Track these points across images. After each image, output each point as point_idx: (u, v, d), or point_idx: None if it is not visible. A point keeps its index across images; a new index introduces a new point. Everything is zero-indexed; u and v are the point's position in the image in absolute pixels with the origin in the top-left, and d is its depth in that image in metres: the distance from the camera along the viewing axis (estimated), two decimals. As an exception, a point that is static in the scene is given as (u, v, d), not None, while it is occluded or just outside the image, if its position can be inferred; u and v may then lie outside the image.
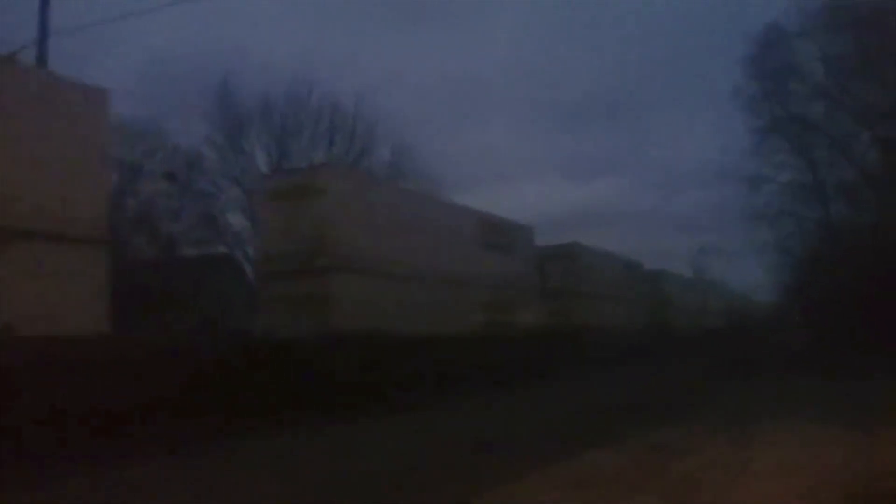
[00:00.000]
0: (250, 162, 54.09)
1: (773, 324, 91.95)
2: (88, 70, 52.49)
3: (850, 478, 11.12)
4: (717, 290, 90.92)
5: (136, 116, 40.14)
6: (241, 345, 21.78)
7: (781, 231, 55.52)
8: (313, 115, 54.81)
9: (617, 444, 15.18)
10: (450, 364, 26.85)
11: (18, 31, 30.58)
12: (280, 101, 54.53)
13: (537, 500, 10.90)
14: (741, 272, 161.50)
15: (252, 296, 31.47)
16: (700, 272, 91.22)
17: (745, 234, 71.16)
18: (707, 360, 45.04)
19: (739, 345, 61.81)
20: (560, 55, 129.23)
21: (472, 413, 22.74)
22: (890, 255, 38.28)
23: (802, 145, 50.40)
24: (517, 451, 15.23)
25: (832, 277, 48.05)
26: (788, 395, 24.14)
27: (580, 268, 44.57)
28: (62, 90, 17.72)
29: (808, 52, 47.73)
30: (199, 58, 75.47)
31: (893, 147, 44.47)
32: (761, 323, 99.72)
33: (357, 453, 15.86)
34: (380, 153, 57.11)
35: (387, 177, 52.57)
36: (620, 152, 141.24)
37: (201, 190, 53.29)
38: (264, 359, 20.58)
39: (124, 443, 15.30)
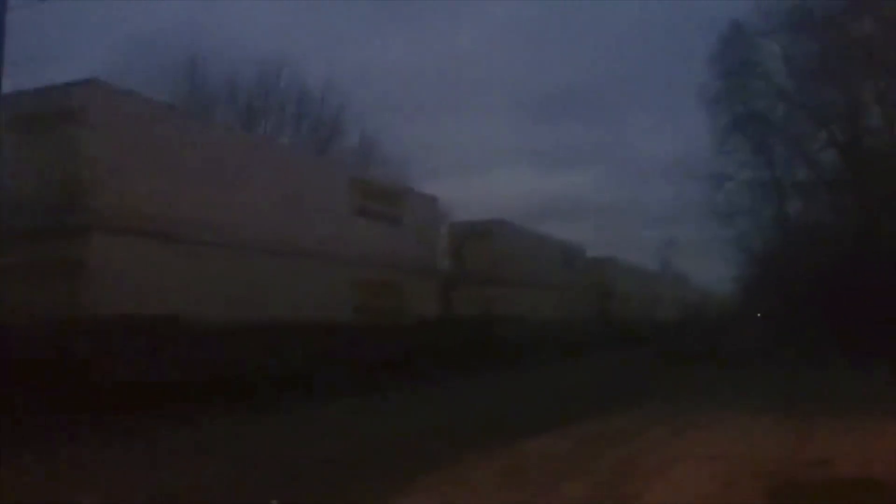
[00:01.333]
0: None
1: (732, 317, 79.91)
2: (52, 44, 42.88)
3: (779, 465, 9.84)
4: (672, 281, 78.03)
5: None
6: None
7: (741, 228, 47.56)
8: (280, 98, 45.61)
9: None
10: (289, 360, 17.57)
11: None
12: (248, 82, 45.04)
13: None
14: (707, 266, 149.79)
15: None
16: (666, 265, 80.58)
17: (708, 230, 61.99)
18: (650, 354, 35.57)
19: (691, 338, 49.52)
20: (534, 49, 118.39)
21: (310, 425, 14.47)
22: (842, 254, 35.12)
23: (762, 144, 42.97)
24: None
25: (787, 274, 43.41)
26: (731, 386, 21.54)
27: (503, 249, 31.97)
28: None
29: (770, 51, 40.99)
30: (168, 36, 65.86)
31: (849, 148, 38.49)
32: (720, 316, 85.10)
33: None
34: (348, 140, 47.63)
35: (355, 163, 42.72)
36: (593, 146, 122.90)
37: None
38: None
39: None
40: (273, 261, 17.60)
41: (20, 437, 11.14)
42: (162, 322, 14.24)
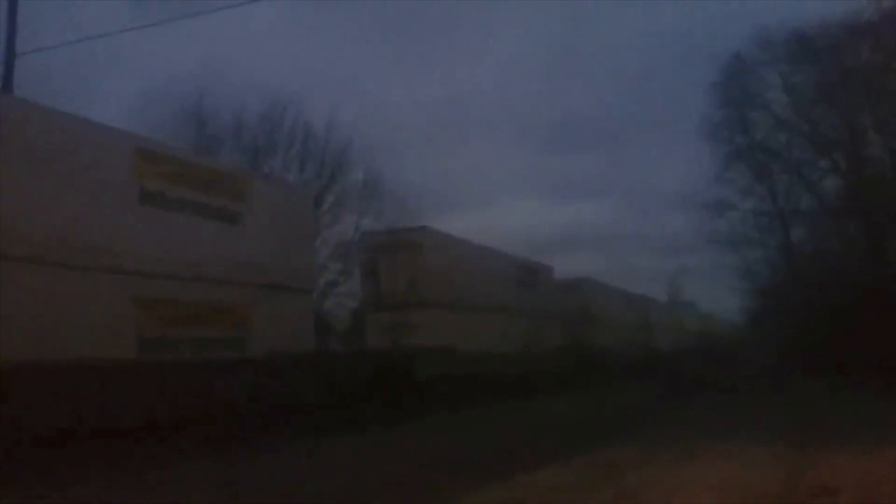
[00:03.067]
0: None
1: (737, 346, 68.69)
2: (60, 90, 36.79)
3: (783, 495, 8.08)
4: (673, 307, 64.34)
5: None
6: None
7: (745, 256, 42.56)
8: (286, 137, 38.27)
9: None
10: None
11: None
12: (253, 123, 37.86)
13: None
14: (715, 296, 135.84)
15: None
16: (674, 294, 70.37)
17: (715, 260, 55.65)
18: (630, 391, 26.26)
19: (691, 369, 37.73)
20: (541, 83, 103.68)
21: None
22: (847, 281, 31.21)
23: (764, 172, 37.99)
24: None
25: (793, 302, 38.79)
26: (734, 416, 16.52)
27: (430, 265, 21.19)
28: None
29: (770, 81, 36.50)
30: (175, 77, 58.88)
31: (850, 175, 34.03)
32: (725, 345, 70.73)
33: None
34: (354, 175, 39.52)
35: (360, 198, 37.37)
36: (600, 178, 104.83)
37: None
38: None
39: None
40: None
41: None
42: None
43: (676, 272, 71.73)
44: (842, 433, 12.82)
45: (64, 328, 10.50)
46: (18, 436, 9.15)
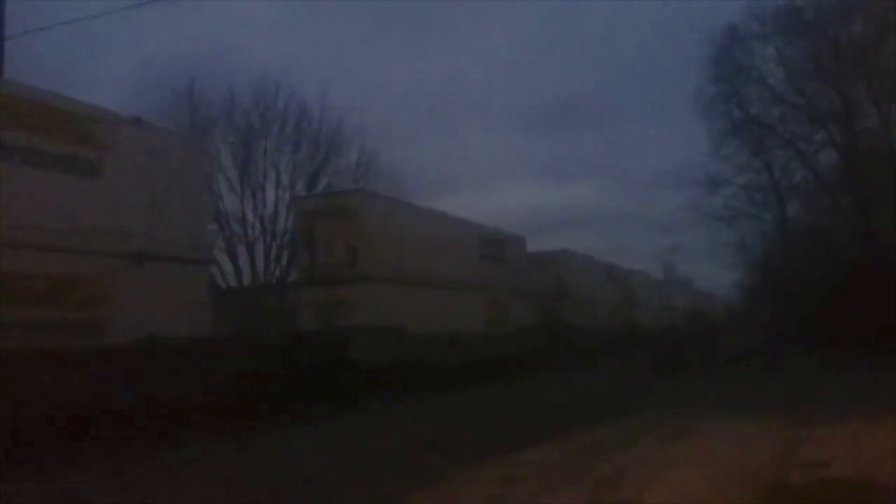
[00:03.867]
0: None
1: (734, 323, 65.11)
2: (52, 69, 34.54)
3: (773, 468, 7.87)
4: (664, 283, 58.10)
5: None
6: None
7: (741, 232, 39.69)
8: (279, 117, 35.07)
9: None
10: None
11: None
12: (246, 103, 34.57)
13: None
14: (711, 272, 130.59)
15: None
16: (669, 271, 66.65)
17: (710, 235, 51.91)
18: (610, 373, 23.68)
19: (675, 348, 31.83)
20: (534, 62, 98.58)
21: None
22: (841, 256, 29.37)
23: (760, 147, 35.18)
24: None
25: (787, 277, 36.02)
26: (725, 391, 16.08)
27: (372, 233, 17.33)
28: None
29: (765, 54, 34.12)
30: (168, 57, 56.22)
31: (846, 149, 31.89)
32: (720, 322, 66.86)
33: None
34: (349, 156, 36.32)
35: (354, 179, 34.26)
36: (595, 157, 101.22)
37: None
38: None
39: None
40: None
41: None
42: None
43: (669, 248, 68.26)
44: (832, 407, 12.40)
45: None
46: None
